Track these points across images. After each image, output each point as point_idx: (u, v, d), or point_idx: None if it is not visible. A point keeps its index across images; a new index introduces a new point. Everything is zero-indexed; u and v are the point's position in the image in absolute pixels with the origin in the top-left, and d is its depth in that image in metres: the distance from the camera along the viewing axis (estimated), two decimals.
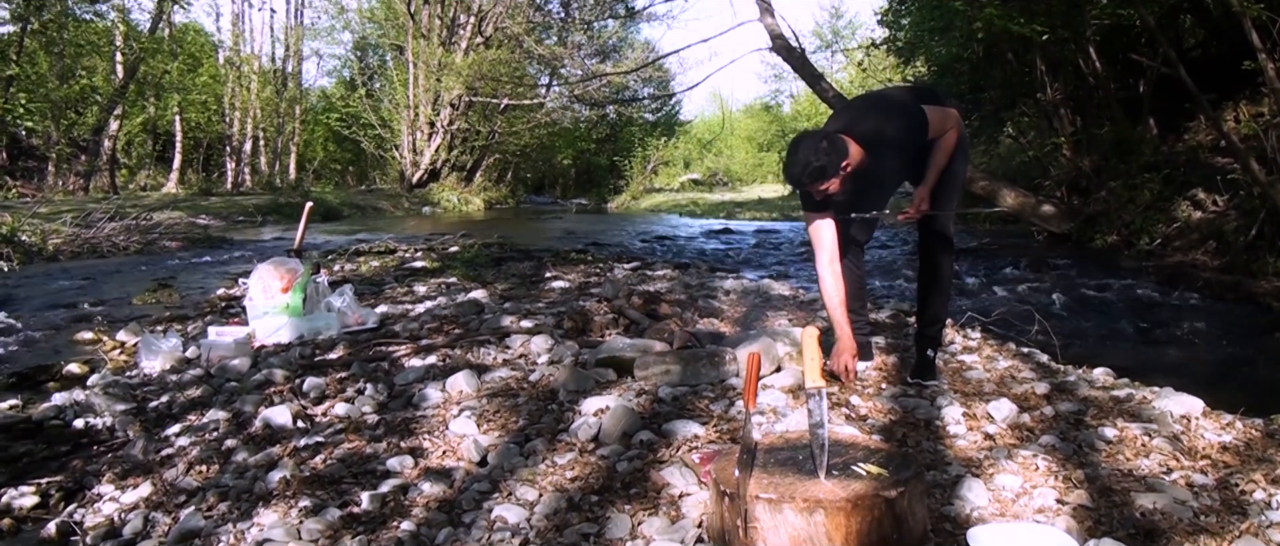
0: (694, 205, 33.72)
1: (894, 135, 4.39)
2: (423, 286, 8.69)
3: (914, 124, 4.40)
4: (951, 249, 4.85)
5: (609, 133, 47.95)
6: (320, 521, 3.17)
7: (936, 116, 4.43)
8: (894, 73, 25.80)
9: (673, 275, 9.30)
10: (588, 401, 4.29)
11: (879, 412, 4.20)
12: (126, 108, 31.76)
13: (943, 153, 4.52)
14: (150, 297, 9.06)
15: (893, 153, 4.42)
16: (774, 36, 17.14)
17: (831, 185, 4.28)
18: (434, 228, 19.82)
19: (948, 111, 4.51)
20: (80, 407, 5.00)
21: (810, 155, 4.21)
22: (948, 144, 4.52)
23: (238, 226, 19.96)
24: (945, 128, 4.48)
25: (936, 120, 4.43)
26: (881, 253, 13.58)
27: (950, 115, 4.51)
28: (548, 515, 3.13)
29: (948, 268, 4.90)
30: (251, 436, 4.25)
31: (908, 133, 4.41)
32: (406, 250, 12.70)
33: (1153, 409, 4.09)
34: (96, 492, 3.86)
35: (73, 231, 14.34)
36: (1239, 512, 3.03)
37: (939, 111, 4.46)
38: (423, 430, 4.11)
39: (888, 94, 4.90)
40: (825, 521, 2.58)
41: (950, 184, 4.67)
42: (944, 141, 4.51)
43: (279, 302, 6.34)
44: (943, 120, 4.46)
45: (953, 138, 4.53)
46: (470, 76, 32.50)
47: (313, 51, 43.86)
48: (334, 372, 5.21)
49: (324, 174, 43.91)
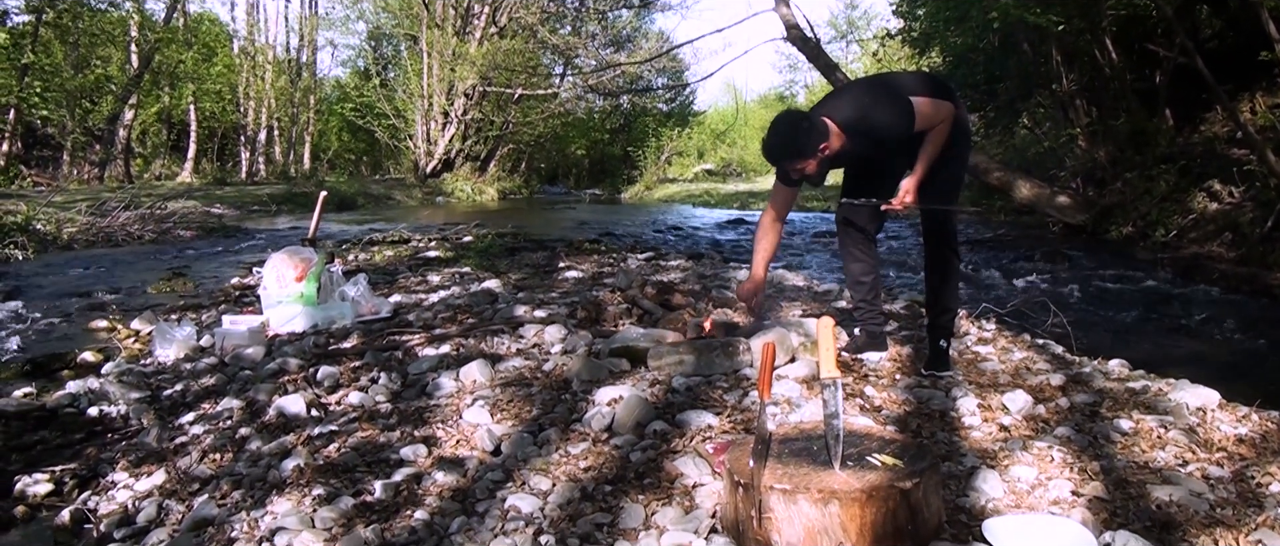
0: (708, 196, 33.73)
1: (878, 124, 4.43)
2: (436, 276, 8.69)
3: (899, 115, 4.39)
4: (955, 239, 4.88)
5: (623, 123, 47.99)
6: (334, 510, 3.17)
7: (927, 109, 4.41)
8: (909, 63, 25.70)
9: (687, 266, 9.30)
10: (601, 391, 4.28)
11: (893, 403, 4.19)
12: (141, 97, 31.92)
13: (932, 145, 4.48)
14: (165, 286, 9.08)
15: (874, 142, 4.49)
16: (789, 26, 17.11)
17: (808, 166, 4.46)
18: (448, 217, 19.83)
19: (940, 104, 4.47)
20: (94, 395, 5.01)
21: (790, 134, 4.41)
22: (938, 136, 4.48)
23: (252, 216, 19.98)
24: (936, 120, 4.45)
25: (926, 112, 4.40)
26: (895, 244, 13.55)
27: (943, 108, 4.47)
28: (561, 504, 3.13)
29: (953, 258, 4.88)
30: (265, 425, 4.26)
31: (892, 124, 4.41)
32: (420, 240, 12.70)
33: (1168, 401, 4.07)
34: (110, 480, 3.86)
35: (87, 220, 14.37)
36: (1256, 505, 3.01)
37: (931, 104, 4.43)
38: (436, 419, 4.11)
39: (889, 81, 4.85)
40: (840, 512, 2.57)
41: (947, 175, 4.64)
42: (933, 134, 4.47)
43: (293, 291, 6.34)
44: (934, 112, 4.43)
45: (943, 130, 4.48)
46: (484, 66, 32.51)
47: (327, 41, 43.75)
48: (348, 361, 5.21)
49: (338, 164, 43.99)
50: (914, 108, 4.37)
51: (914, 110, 4.36)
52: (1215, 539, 2.80)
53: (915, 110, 4.36)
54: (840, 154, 4.50)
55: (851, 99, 4.59)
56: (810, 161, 4.42)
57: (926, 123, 4.43)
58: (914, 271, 10.29)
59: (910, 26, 21.61)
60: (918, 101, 4.38)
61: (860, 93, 4.67)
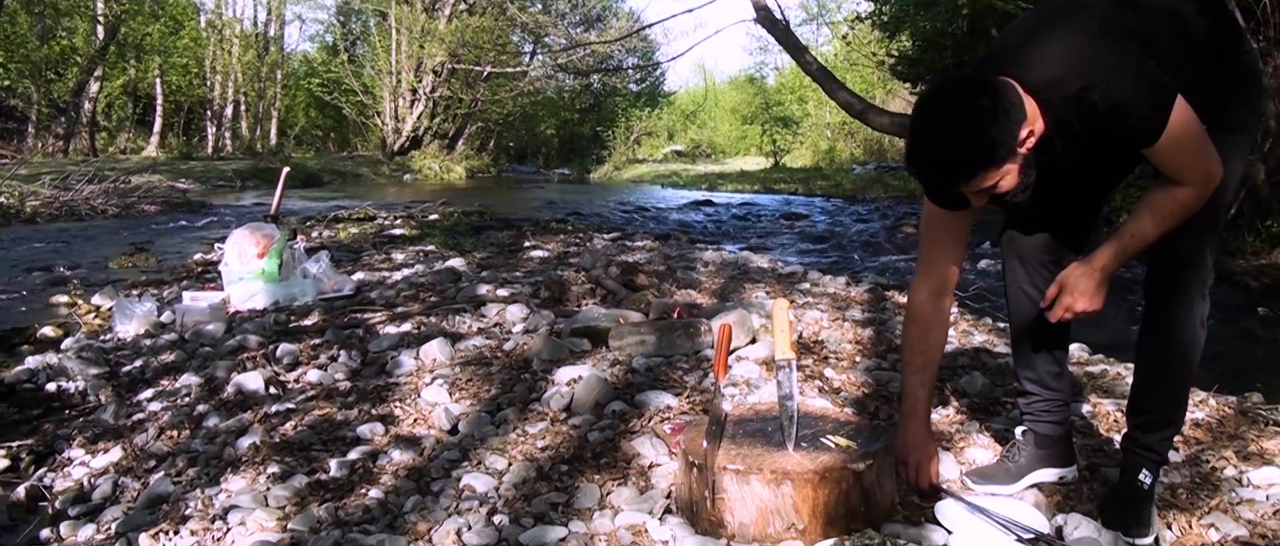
0: (676, 177, 33.75)
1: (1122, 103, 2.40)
2: (401, 254, 8.67)
3: (1155, 108, 2.39)
4: (1201, 275, 2.67)
5: (593, 103, 47.96)
6: (287, 488, 3.16)
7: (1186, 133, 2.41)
8: (878, 47, 25.77)
9: (653, 246, 9.31)
10: (561, 371, 4.27)
11: (853, 385, 4.20)
12: (107, 69, 31.62)
13: (1157, 216, 2.52)
14: (127, 261, 9.02)
15: (1092, 137, 2.50)
16: (758, 8, 17.09)
17: (1006, 175, 2.46)
18: (414, 195, 19.78)
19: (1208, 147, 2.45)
20: (53, 371, 4.97)
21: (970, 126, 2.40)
22: (1173, 207, 2.50)
23: (217, 191, 19.87)
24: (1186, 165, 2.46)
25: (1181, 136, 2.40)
26: (864, 226, 13.59)
27: (1208, 164, 2.46)
28: (516, 484, 3.12)
29: (1188, 318, 2.69)
30: (223, 402, 4.23)
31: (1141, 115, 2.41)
32: (385, 217, 12.66)
33: (1126, 384, 4.09)
34: (67, 457, 3.84)
35: (51, 194, 14.29)
36: (1210, 488, 3.05)
37: (1196, 128, 2.43)
38: (394, 398, 4.10)
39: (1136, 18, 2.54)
40: (793, 493, 2.58)
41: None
42: (1170, 197, 2.50)
43: (254, 268, 6.30)
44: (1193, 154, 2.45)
45: (1191, 200, 2.48)
46: (453, 43, 32.45)
47: (295, 15, 43.79)
48: (308, 339, 5.19)
49: (305, 140, 43.69)
50: (1169, 114, 2.37)
51: (1165, 118, 2.37)
52: (1169, 521, 2.83)
53: (1168, 123, 2.37)
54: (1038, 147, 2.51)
55: (1063, 42, 2.51)
56: (1008, 167, 2.44)
57: (1169, 159, 2.46)
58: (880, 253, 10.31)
59: (880, 10, 21.65)
60: (1180, 111, 2.38)
61: (1082, 30, 2.51)
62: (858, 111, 17.72)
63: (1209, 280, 2.68)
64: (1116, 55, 2.43)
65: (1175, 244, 2.57)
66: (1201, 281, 2.66)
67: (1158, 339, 2.76)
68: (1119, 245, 2.57)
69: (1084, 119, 2.44)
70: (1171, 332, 2.71)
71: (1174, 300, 2.68)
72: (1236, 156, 2.64)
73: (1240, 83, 2.69)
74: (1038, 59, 2.48)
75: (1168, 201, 2.48)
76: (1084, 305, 2.60)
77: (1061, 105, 2.44)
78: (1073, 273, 2.62)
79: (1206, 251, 2.65)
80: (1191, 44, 2.57)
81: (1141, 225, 2.53)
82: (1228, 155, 2.52)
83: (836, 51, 41.57)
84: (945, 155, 2.45)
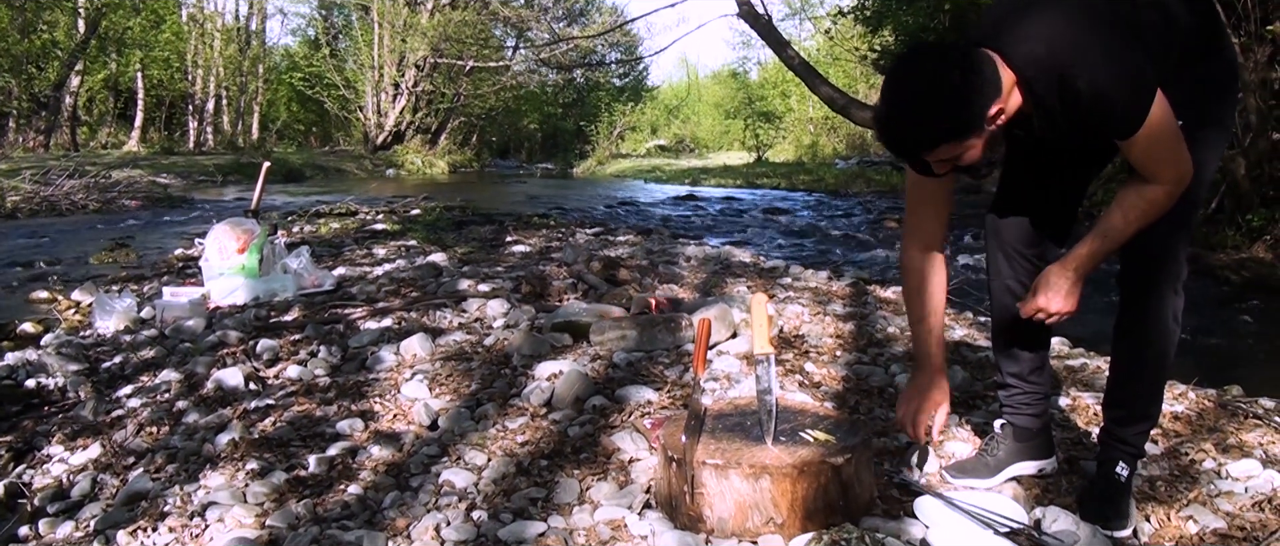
0: (660, 171, 33.77)
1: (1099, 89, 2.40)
2: (382, 249, 8.64)
3: (1135, 98, 2.41)
4: (1175, 270, 2.71)
5: (576, 97, 47.89)
6: (266, 484, 3.15)
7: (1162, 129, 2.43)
8: (861, 41, 25.80)
9: (635, 241, 9.31)
10: (542, 366, 4.26)
11: (833, 379, 4.22)
12: (88, 63, 31.42)
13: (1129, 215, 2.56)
14: (107, 257, 8.97)
15: (1069, 119, 2.51)
16: (741, 3, 17.12)
17: (970, 149, 2.46)
18: (397, 190, 19.71)
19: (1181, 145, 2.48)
20: (32, 367, 4.94)
21: (936, 96, 2.37)
22: (1144, 205, 2.53)
23: (199, 186, 19.77)
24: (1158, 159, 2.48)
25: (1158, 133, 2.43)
26: (846, 221, 13.61)
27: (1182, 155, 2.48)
28: (496, 479, 3.12)
29: (1161, 311, 2.73)
30: (203, 398, 4.21)
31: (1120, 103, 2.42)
32: (367, 212, 12.61)
33: (1105, 378, 4.11)
34: (46, 453, 3.81)
35: (31, 189, 14.21)
36: (1188, 481, 3.07)
37: (1170, 125, 2.45)
38: (374, 393, 4.09)
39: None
40: (771, 487, 2.58)
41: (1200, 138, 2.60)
42: (1141, 195, 2.53)
43: (235, 263, 6.27)
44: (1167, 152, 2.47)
45: (1161, 199, 2.51)
46: (435, 37, 32.37)
47: (277, 9, 43.55)
48: (288, 334, 5.17)
49: (287, 134, 43.57)
50: (1149, 109, 2.40)
51: (1145, 112, 2.40)
52: (1147, 514, 2.85)
53: (1146, 117, 2.40)
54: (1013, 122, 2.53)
55: (1050, 21, 2.48)
56: (972, 141, 2.44)
57: (1143, 155, 2.49)
58: (863, 247, 10.33)
59: (863, 5, 21.67)
60: (1158, 108, 2.41)
61: (1073, 12, 2.49)
62: (840, 106, 17.76)
63: (1182, 275, 2.71)
64: (1104, 42, 2.42)
65: (1148, 240, 2.60)
66: (1174, 276, 2.70)
67: (1132, 334, 2.81)
68: (1092, 246, 2.60)
69: (1065, 102, 2.45)
70: (1145, 328, 2.76)
71: (1147, 295, 2.73)
72: (1212, 151, 2.68)
73: (1219, 77, 2.71)
74: (1023, 36, 2.47)
75: (1140, 200, 2.51)
76: (1059, 305, 2.64)
77: (1043, 85, 2.45)
78: (1047, 274, 2.67)
79: (1179, 247, 2.69)
80: (1175, 36, 2.58)
81: (1114, 224, 2.57)
82: (1203, 149, 2.57)
83: (819, 46, 41.64)
84: (910, 125, 2.44)
